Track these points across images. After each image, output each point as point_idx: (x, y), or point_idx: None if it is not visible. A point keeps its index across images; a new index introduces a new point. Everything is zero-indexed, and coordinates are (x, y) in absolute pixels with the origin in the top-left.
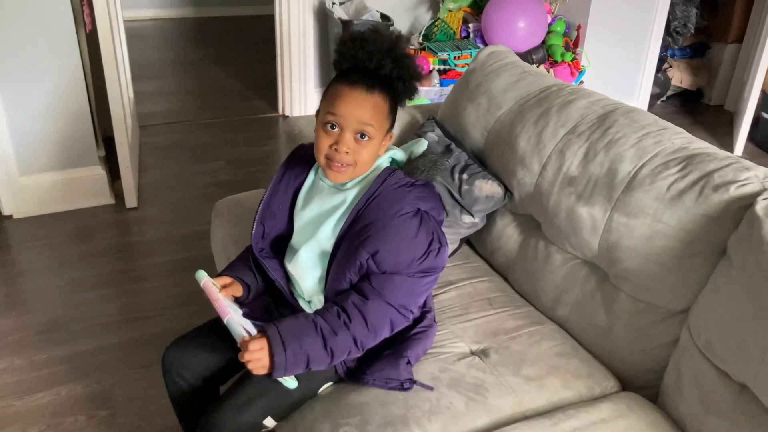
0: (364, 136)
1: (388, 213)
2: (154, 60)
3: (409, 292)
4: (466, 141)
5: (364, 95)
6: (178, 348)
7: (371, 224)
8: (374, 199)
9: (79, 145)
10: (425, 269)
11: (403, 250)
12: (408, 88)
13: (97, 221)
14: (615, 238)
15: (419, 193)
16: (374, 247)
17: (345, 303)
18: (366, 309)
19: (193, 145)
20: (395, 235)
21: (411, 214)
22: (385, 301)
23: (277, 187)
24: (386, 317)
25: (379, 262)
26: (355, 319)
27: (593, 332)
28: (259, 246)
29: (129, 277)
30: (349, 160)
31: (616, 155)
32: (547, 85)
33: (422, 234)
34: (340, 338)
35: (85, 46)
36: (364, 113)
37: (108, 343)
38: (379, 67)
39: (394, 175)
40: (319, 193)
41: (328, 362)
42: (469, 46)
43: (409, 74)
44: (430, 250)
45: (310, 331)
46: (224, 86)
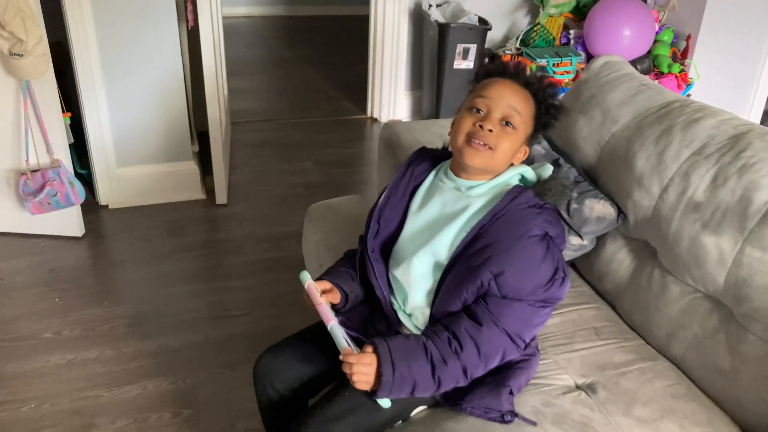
0: (509, 124)
1: (516, 233)
2: (248, 57)
3: (526, 321)
4: (576, 156)
5: (515, 86)
6: (271, 356)
7: (496, 243)
8: (501, 217)
9: (175, 140)
10: (546, 299)
11: (528, 274)
12: (549, 114)
13: (188, 216)
14: (746, 273)
15: (548, 216)
16: (499, 267)
17: (457, 329)
18: (480, 337)
19: (283, 143)
20: (522, 258)
21: (538, 238)
22: (500, 329)
23: (398, 184)
24: (500, 347)
25: (501, 285)
26: (467, 348)
27: (714, 375)
28: (371, 246)
29: (217, 275)
30: (491, 140)
31: (751, 182)
32: (669, 100)
33: (548, 260)
34: (450, 368)
35: (186, 42)
36: (515, 97)
37: (194, 340)
38: (527, 83)
39: (524, 193)
40: (440, 193)
41: (433, 390)
42: (569, 53)
43: (550, 100)
44: (554, 278)
45: (420, 356)
46: (314, 86)
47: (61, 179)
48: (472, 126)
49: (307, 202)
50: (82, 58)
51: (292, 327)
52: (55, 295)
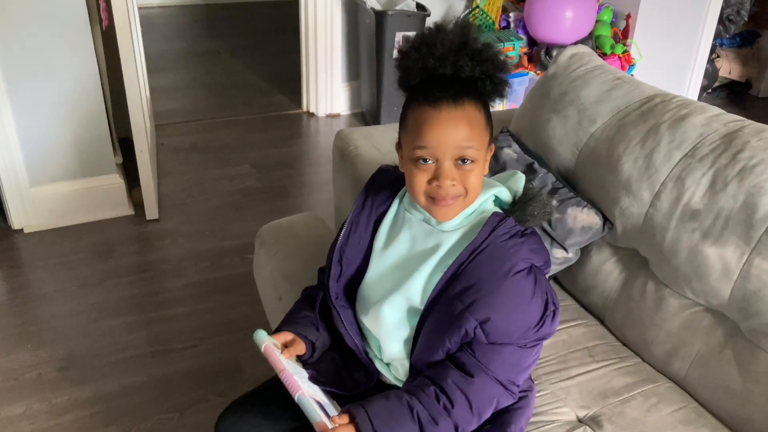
0: (466, 160)
1: (500, 271)
2: (166, 51)
3: (517, 364)
4: (551, 159)
5: (452, 112)
6: (234, 417)
7: (478, 284)
8: (481, 252)
9: (95, 151)
10: (539, 338)
11: (518, 317)
12: (497, 84)
13: (116, 235)
14: (755, 287)
15: (532, 245)
16: (485, 313)
17: (444, 382)
18: (471, 390)
19: (214, 146)
20: (509, 300)
21: (525, 272)
22: (492, 378)
23: (357, 219)
24: (493, 397)
25: (488, 332)
26: (458, 403)
27: (722, 395)
28: (334, 291)
29: (155, 302)
30: (457, 191)
31: (754, 186)
32: (648, 95)
33: (538, 296)
34: (442, 427)
35: (100, 43)
36: (460, 134)
37: (136, 382)
38: (457, 70)
39: (504, 222)
40: (407, 226)
41: None
42: (511, 38)
43: (494, 67)
44: (546, 315)
45: (406, 420)
46: (243, 80)
47: None
48: (428, 185)
49: (248, 211)
50: None
51: (246, 358)
52: None
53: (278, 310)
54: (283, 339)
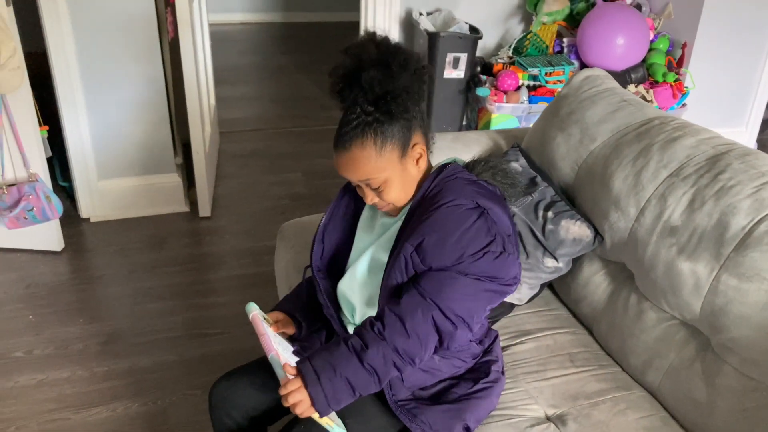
0: (373, 186)
1: (438, 202)
2: (241, 65)
3: (460, 294)
4: (554, 174)
5: (343, 155)
6: (226, 384)
7: (421, 217)
8: (429, 194)
9: (157, 152)
10: (481, 273)
11: (449, 240)
12: (394, 100)
13: (170, 229)
14: (722, 302)
15: (480, 189)
16: (419, 237)
17: (382, 311)
18: (402, 311)
19: (271, 154)
20: (443, 224)
21: (466, 206)
22: (426, 300)
23: (340, 203)
24: (427, 318)
25: (423, 256)
26: (391, 326)
27: (689, 406)
28: (317, 265)
29: (196, 291)
30: (382, 204)
31: (728, 206)
32: (649, 117)
33: (479, 228)
34: (375, 351)
35: (167, 53)
36: (353, 172)
37: (168, 360)
38: (353, 101)
39: (450, 167)
40: (382, 214)
41: (375, 381)
42: (562, 62)
43: (382, 88)
44: (487, 251)
45: (342, 353)
46: (306, 94)
47: (37, 194)
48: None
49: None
50: (61, 70)
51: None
52: (30, 312)
53: None
54: (275, 317)
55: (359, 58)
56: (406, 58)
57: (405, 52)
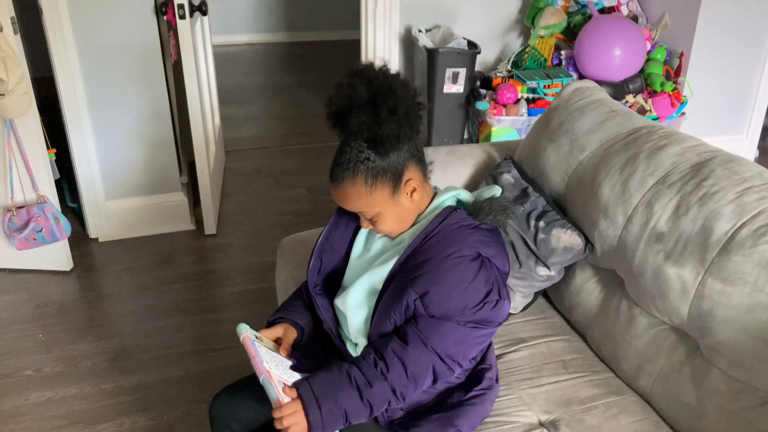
0: (367, 217)
1: (443, 253)
2: (246, 85)
3: (458, 342)
4: (545, 185)
5: (336, 188)
6: (227, 397)
7: (424, 263)
8: (431, 238)
9: (162, 171)
10: (479, 321)
11: (455, 294)
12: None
13: (176, 247)
14: (708, 306)
15: (482, 237)
16: (424, 287)
17: (384, 350)
18: (406, 357)
19: (276, 171)
20: (448, 278)
21: (469, 258)
22: (428, 348)
23: (338, 221)
24: (428, 366)
25: (427, 305)
26: (394, 368)
27: (680, 410)
28: (313, 281)
29: (202, 307)
30: (380, 230)
31: (712, 211)
32: (637, 126)
33: (480, 281)
34: (377, 389)
35: (171, 74)
36: (348, 205)
37: (175, 375)
38: (349, 136)
39: (455, 214)
40: (380, 235)
41: (367, 414)
42: (560, 75)
43: (370, 133)
44: (486, 301)
45: (344, 385)
46: (310, 112)
47: (45, 215)
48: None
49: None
50: (68, 94)
51: None
52: (40, 330)
53: None
54: (275, 335)
55: (350, 97)
56: (395, 101)
57: (396, 93)
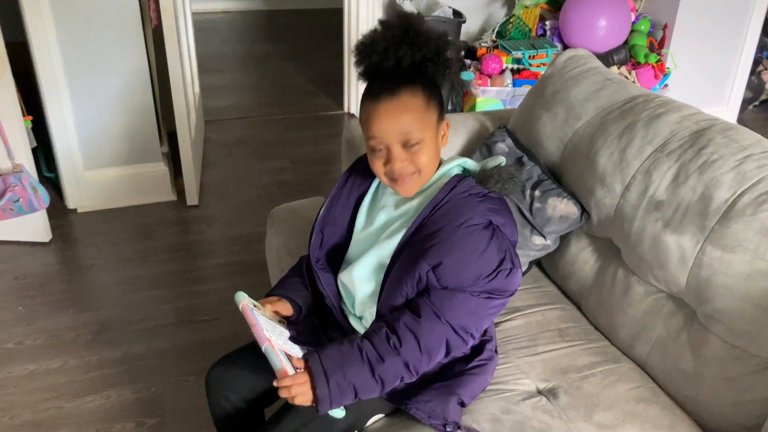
0: (412, 143)
1: (455, 222)
2: (224, 53)
3: (472, 313)
4: (540, 154)
5: (390, 103)
6: (223, 368)
7: (435, 233)
8: (441, 207)
9: (143, 141)
10: (492, 290)
11: (469, 264)
12: (439, 65)
13: (158, 218)
14: (707, 273)
15: (492, 204)
16: (437, 258)
17: (396, 323)
18: (420, 330)
19: (258, 141)
20: (461, 247)
21: (481, 226)
22: (442, 321)
23: (340, 193)
24: (442, 338)
25: (440, 276)
26: (407, 342)
27: (677, 376)
28: (315, 256)
29: (187, 278)
30: (409, 170)
31: (712, 179)
32: (633, 95)
33: (492, 249)
34: (389, 365)
35: (151, 41)
36: (398, 122)
37: (161, 347)
38: (399, 60)
39: (464, 182)
40: (384, 204)
41: (379, 390)
42: (545, 45)
43: (433, 51)
44: (500, 270)
45: (354, 359)
46: (291, 82)
47: (23, 184)
48: (384, 167)
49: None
50: (44, 60)
51: None
52: (19, 303)
53: None
54: (272, 306)
55: (408, 24)
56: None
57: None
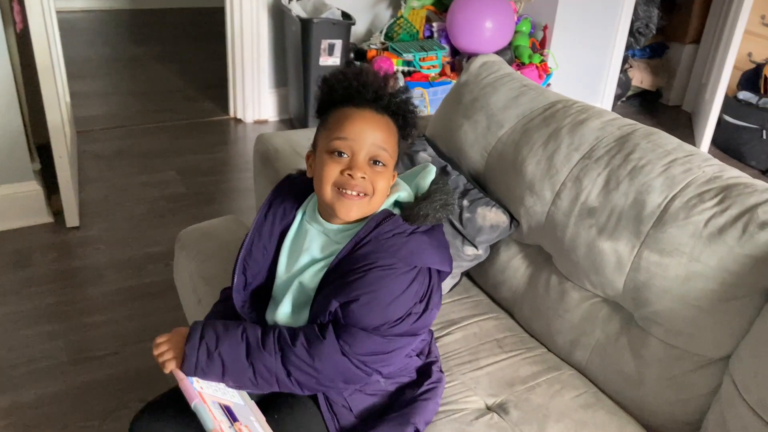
0: (378, 162)
1: (373, 264)
2: (88, 57)
3: (375, 351)
4: (463, 162)
5: (374, 115)
6: (149, 418)
7: (351, 272)
8: (362, 247)
9: (11, 157)
10: (399, 334)
11: (377, 308)
12: (407, 124)
13: (34, 243)
14: (644, 277)
15: (418, 244)
16: (345, 297)
17: (298, 329)
18: (317, 350)
19: (139, 153)
20: (373, 290)
21: (401, 271)
22: (342, 353)
23: (260, 230)
24: (337, 368)
25: (346, 315)
26: (299, 351)
27: (619, 379)
28: (240, 299)
29: (74, 310)
30: (365, 187)
31: (643, 185)
32: (551, 101)
33: (409, 294)
34: (268, 358)
35: (15, 46)
36: (378, 134)
37: (54, 391)
38: (377, 98)
39: (389, 220)
40: (309, 240)
41: (249, 380)
42: (434, 47)
43: (407, 110)
44: (408, 314)
45: (233, 335)
46: (169, 87)
47: None
48: (340, 175)
49: (172, 218)
50: None
51: None
52: None
53: (198, 313)
54: None
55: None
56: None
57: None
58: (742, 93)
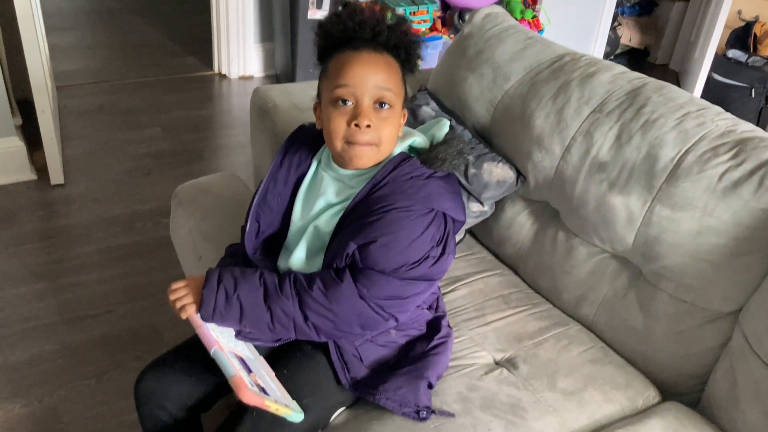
0: (384, 104)
1: (391, 206)
2: (64, 9)
3: (392, 295)
4: (468, 116)
5: (372, 55)
6: (156, 375)
7: (369, 214)
8: (379, 189)
9: None
10: (416, 277)
11: (395, 250)
12: (411, 56)
13: (18, 201)
14: (656, 232)
15: (436, 188)
16: (364, 239)
17: (314, 274)
18: (334, 293)
19: (122, 109)
20: (392, 230)
21: (418, 213)
22: (359, 296)
23: (276, 176)
24: (354, 311)
25: (364, 257)
26: (316, 295)
27: (626, 334)
28: (252, 247)
29: (64, 269)
30: (373, 136)
31: (655, 139)
32: (559, 54)
33: (426, 237)
34: (285, 299)
35: None
36: (379, 75)
37: (47, 350)
38: (375, 35)
39: (407, 163)
40: (324, 186)
41: (265, 323)
42: (425, 1)
43: (408, 41)
44: (426, 257)
45: (251, 280)
46: (150, 40)
47: None
48: (347, 127)
49: (160, 175)
50: None
51: (163, 322)
52: None
53: (198, 270)
54: None
55: (383, 15)
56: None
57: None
58: (732, 51)
